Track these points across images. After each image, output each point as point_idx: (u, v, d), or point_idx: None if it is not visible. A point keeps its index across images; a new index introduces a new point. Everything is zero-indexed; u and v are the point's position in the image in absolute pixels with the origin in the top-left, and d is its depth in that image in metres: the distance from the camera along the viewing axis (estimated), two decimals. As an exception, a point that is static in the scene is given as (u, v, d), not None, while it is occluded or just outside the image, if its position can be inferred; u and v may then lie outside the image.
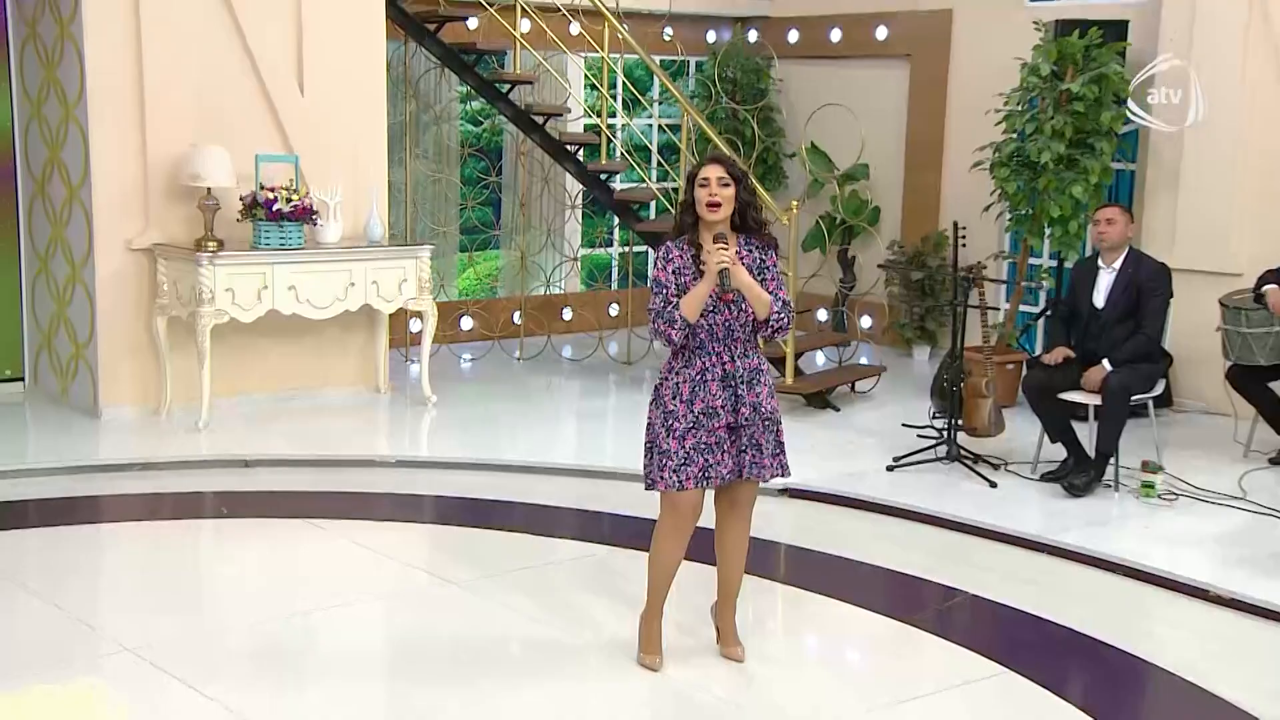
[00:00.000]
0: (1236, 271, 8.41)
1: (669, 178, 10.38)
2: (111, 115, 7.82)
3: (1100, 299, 7.19)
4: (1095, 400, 7.06)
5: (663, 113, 11.62)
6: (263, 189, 7.86)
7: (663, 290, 4.65)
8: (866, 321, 10.63)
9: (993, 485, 7.17)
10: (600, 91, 9.88)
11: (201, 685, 4.68)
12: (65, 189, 8.11)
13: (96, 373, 8.06)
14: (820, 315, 10.61)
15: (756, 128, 10.76)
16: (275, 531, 6.51)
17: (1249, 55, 8.60)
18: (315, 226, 8.12)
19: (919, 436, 7.82)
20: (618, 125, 10.92)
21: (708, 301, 4.62)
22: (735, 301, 4.65)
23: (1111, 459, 7.05)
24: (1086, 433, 7.18)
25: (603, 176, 9.61)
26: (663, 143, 11.43)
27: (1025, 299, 9.78)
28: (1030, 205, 8.87)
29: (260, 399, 8.42)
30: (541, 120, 9.51)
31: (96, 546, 6.32)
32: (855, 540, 6.45)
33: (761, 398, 4.75)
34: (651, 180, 10.13)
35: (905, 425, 8.15)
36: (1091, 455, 7.09)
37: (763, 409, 4.75)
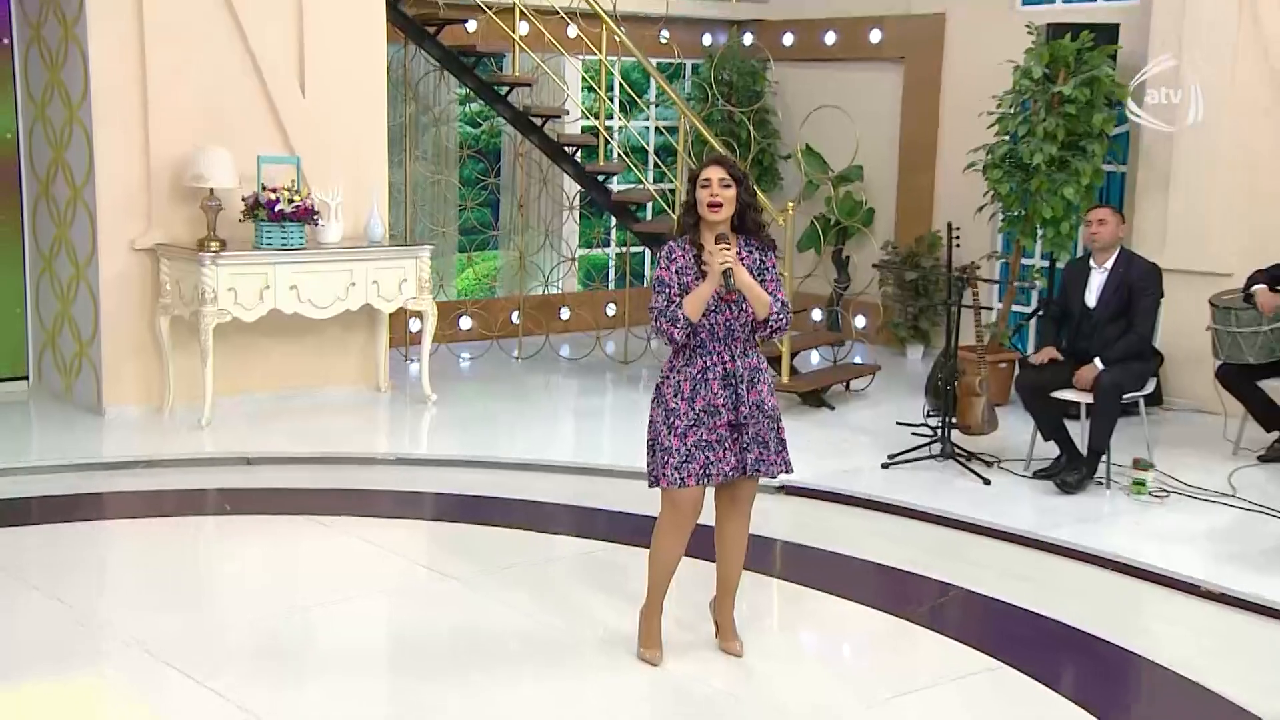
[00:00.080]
0: (1226, 271, 8.41)
1: (666, 179, 10.38)
2: (115, 116, 7.81)
3: (1092, 299, 7.20)
4: (1087, 398, 7.07)
5: (659, 115, 11.63)
6: (265, 190, 7.85)
7: (665, 289, 4.65)
8: (861, 321, 10.65)
9: (986, 482, 7.17)
10: (598, 94, 9.88)
11: (206, 679, 4.68)
12: (69, 189, 8.09)
13: (100, 371, 8.05)
14: (815, 315, 10.61)
15: (752, 130, 10.76)
16: (277, 528, 6.51)
17: (1238, 58, 8.61)
18: (316, 227, 8.11)
19: (913, 434, 7.83)
20: (615, 127, 10.93)
21: (709, 301, 4.62)
22: (736, 301, 4.65)
23: (1103, 456, 7.07)
24: (1079, 430, 7.19)
25: (600, 178, 9.62)
26: (659, 144, 11.43)
27: (1017, 299, 9.79)
28: (1022, 206, 8.88)
29: (262, 397, 8.41)
30: (540, 122, 9.51)
31: (100, 543, 6.31)
32: (851, 537, 6.46)
33: (763, 396, 4.75)
34: (648, 181, 10.14)
35: (900, 423, 8.16)
36: (1084, 453, 7.10)
37: (765, 407, 4.75)
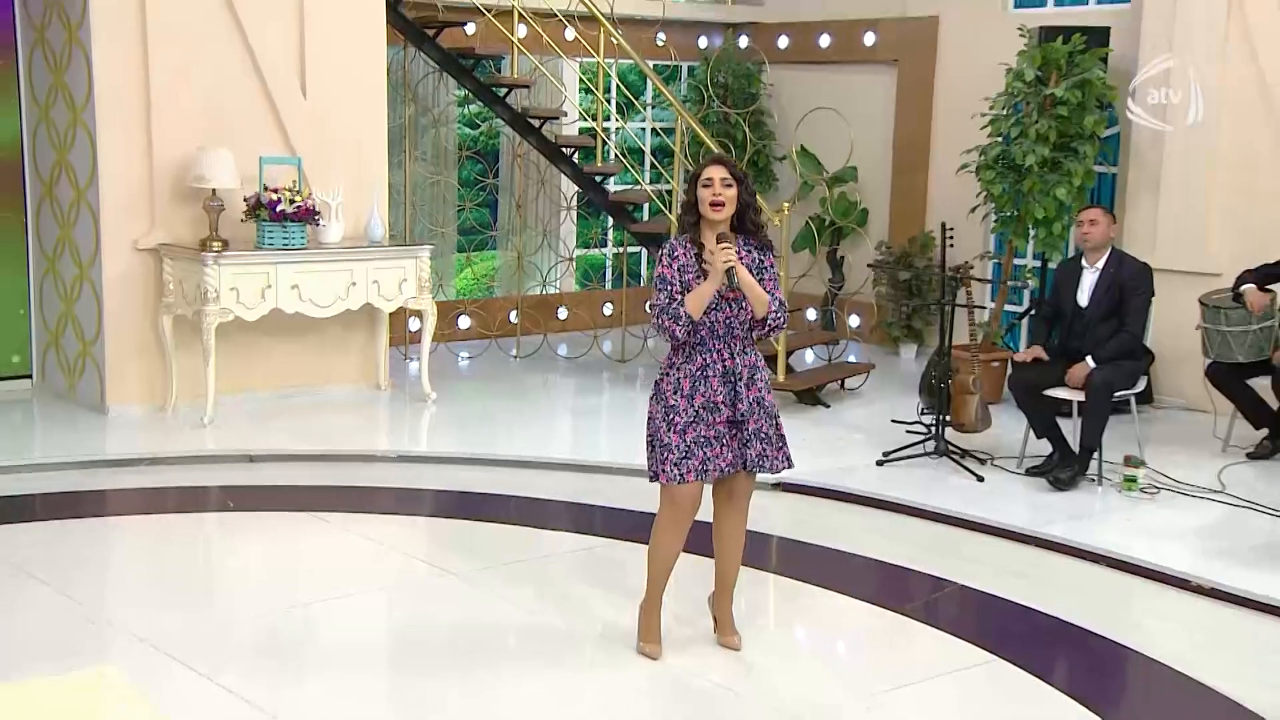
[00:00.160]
0: (1215, 271, 8.42)
1: (662, 180, 10.39)
2: (118, 118, 7.81)
3: (1084, 298, 7.21)
4: (1079, 396, 7.08)
5: (656, 116, 11.64)
6: (266, 190, 7.85)
7: (667, 287, 4.65)
8: (855, 320, 10.66)
9: (980, 479, 7.18)
10: (595, 95, 9.88)
11: (211, 674, 4.69)
12: (73, 191, 8.09)
13: (103, 370, 8.05)
14: (810, 314, 10.62)
15: (748, 131, 10.76)
16: (279, 524, 6.51)
17: (1227, 60, 8.62)
18: (317, 227, 8.11)
19: (908, 432, 7.84)
20: (612, 128, 10.93)
21: (710, 299, 4.62)
22: (735, 300, 4.66)
23: (1095, 454, 7.08)
24: (1071, 428, 7.20)
25: (598, 178, 9.62)
26: (656, 145, 11.44)
27: (1010, 298, 9.81)
28: (1015, 207, 8.89)
29: (264, 396, 8.41)
30: (538, 123, 9.52)
31: (105, 539, 6.31)
32: (847, 533, 6.47)
33: (762, 393, 4.76)
34: (645, 182, 10.14)
35: (894, 421, 8.17)
36: (1076, 450, 7.11)
37: (765, 403, 4.77)
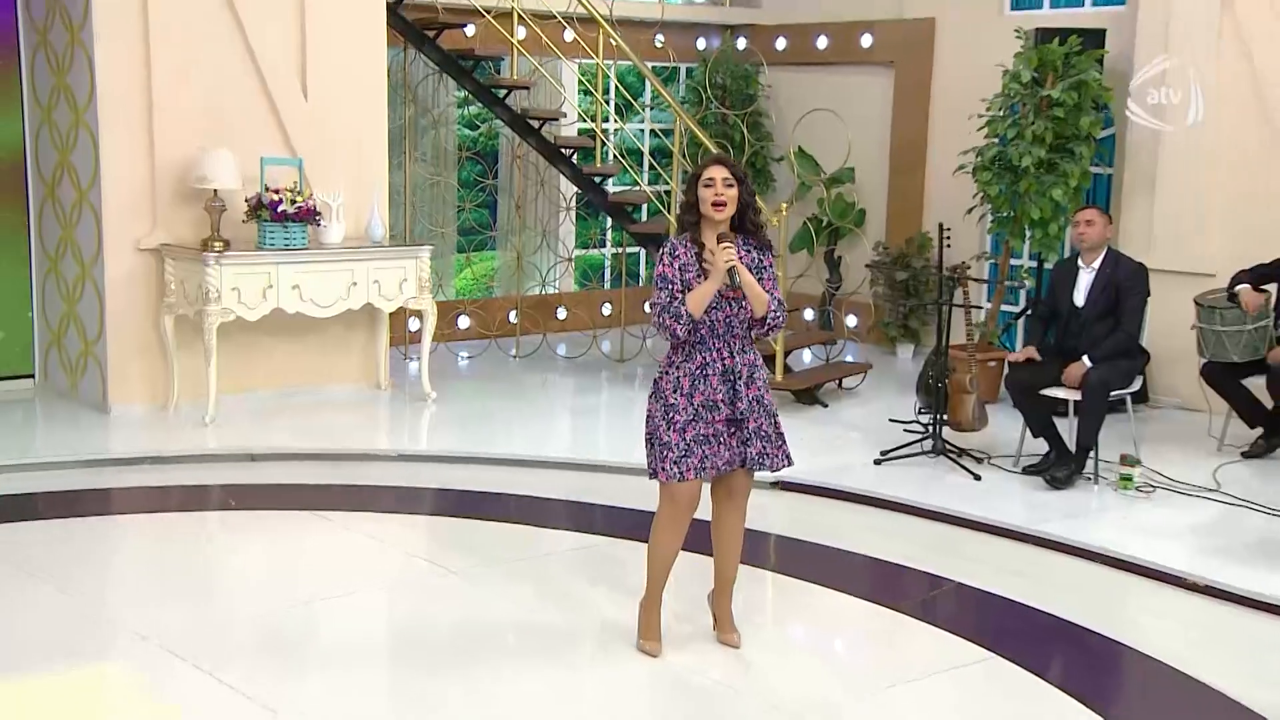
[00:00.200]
0: (1210, 271, 8.43)
1: (661, 181, 10.40)
2: (121, 120, 7.81)
3: (1080, 298, 7.23)
4: (1075, 396, 7.09)
5: (655, 117, 11.65)
6: (268, 191, 7.86)
7: (668, 286, 4.65)
8: (852, 320, 10.67)
9: (977, 478, 7.19)
10: (594, 96, 9.88)
11: (214, 671, 4.69)
12: (75, 191, 8.09)
13: (106, 369, 8.05)
14: (807, 314, 10.63)
15: (746, 132, 10.78)
16: (280, 523, 6.51)
17: (1221, 62, 8.64)
18: (318, 227, 8.12)
19: (905, 431, 7.85)
20: (611, 129, 10.94)
21: (710, 298, 4.63)
22: (735, 299, 4.66)
23: (1091, 452, 7.09)
24: (1067, 427, 7.22)
25: (597, 179, 9.63)
26: (654, 146, 11.44)
27: (1006, 298, 9.82)
28: (1011, 208, 8.90)
29: (265, 395, 8.41)
30: (537, 124, 9.53)
31: (108, 537, 6.31)
32: (845, 531, 6.48)
33: (761, 391, 4.77)
34: (644, 183, 10.15)
35: (892, 420, 8.18)
36: (1072, 449, 7.13)
37: (764, 401, 4.78)
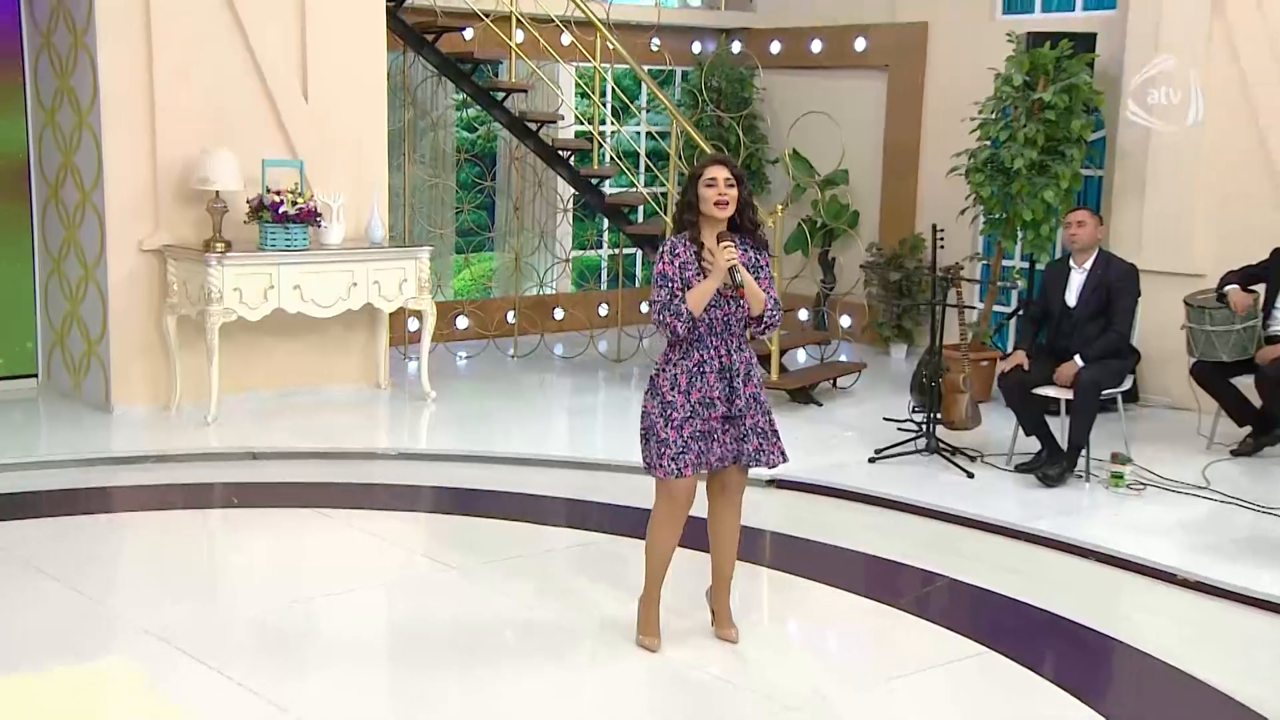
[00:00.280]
0: (1200, 272, 8.47)
1: (658, 182, 10.41)
2: (124, 122, 7.82)
3: (1072, 298, 7.25)
4: (1067, 395, 7.11)
5: (651, 120, 11.66)
6: (269, 192, 7.87)
7: (668, 284, 4.66)
8: (846, 321, 10.69)
9: (970, 476, 7.21)
10: (591, 99, 9.90)
11: (217, 666, 4.70)
12: (78, 193, 8.09)
13: (109, 369, 8.05)
14: (802, 315, 10.65)
15: (741, 134, 10.79)
16: (282, 520, 6.52)
17: (1211, 65, 8.66)
18: (319, 228, 8.13)
19: (899, 430, 7.86)
20: (608, 132, 10.94)
21: (710, 296, 4.63)
22: (733, 297, 4.68)
23: (1083, 451, 7.11)
24: (1059, 426, 7.24)
25: (594, 181, 9.64)
26: (651, 149, 11.45)
27: (998, 299, 9.84)
28: (1003, 209, 8.92)
29: (266, 394, 8.42)
30: (535, 127, 9.54)
31: (111, 535, 6.32)
32: (841, 529, 6.49)
33: (757, 389, 4.79)
34: (640, 185, 10.17)
35: (886, 419, 8.19)
36: (1064, 447, 7.14)
37: (760, 399, 4.79)
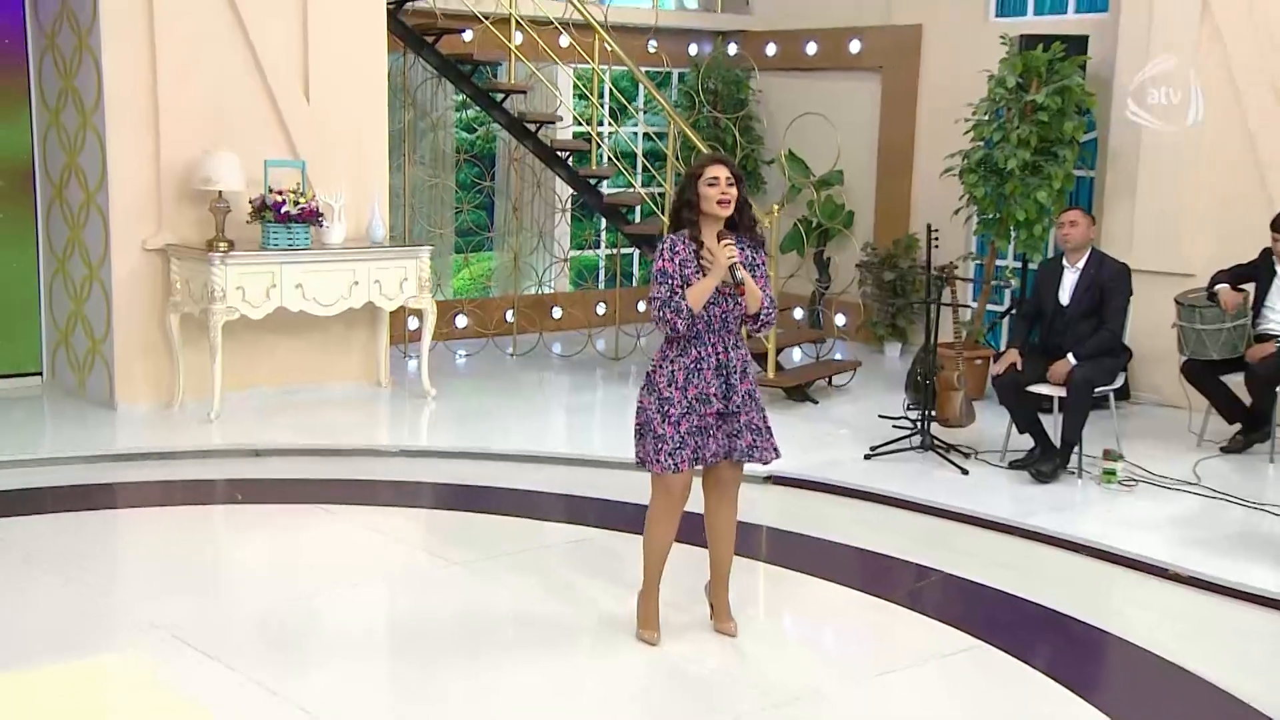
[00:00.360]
0: (1190, 272, 8.49)
1: (655, 183, 10.43)
2: (127, 122, 7.83)
3: (1065, 296, 7.28)
4: (1060, 392, 7.14)
5: (648, 121, 11.68)
6: (271, 192, 7.89)
7: (669, 280, 4.66)
8: (841, 319, 10.70)
9: (964, 472, 7.24)
10: (590, 100, 9.91)
11: (225, 659, 4.72)
12: (83, 193, 8.11)
13: (112, 367, 8.06)
14: (798, 313, 10.67)
15: (738, 135, 10.82)
16: (285, 516, 6.53)
17: (1201, 67, 8.69)
18: (321, 228, 8.14)
19: (894, 427, 7.89)
20: (606, 133, 10.95)
21: (710, 293, 4.65)
22: (731, 295, 4.70)
23: (1075, 447, 7.14)
24: (1052, 423, 7.26)
25: (592, 181, 9.66)
26: (648, 149, 11.47)
27: (992, 298, 9.86)
28: (997, 209, 8.94)
29: (269, 392, 8.43)
30: (534, 128, 9.56)
31: (116, 531, 6.34)
32: (837, 525, 6.52)
33: (752, 386, 4.82)
34: (638, 185, 10.19)
35: (881, 416, 8.21)
36: (1057, 444, 7.18)
37: (755, 396, 4.82)
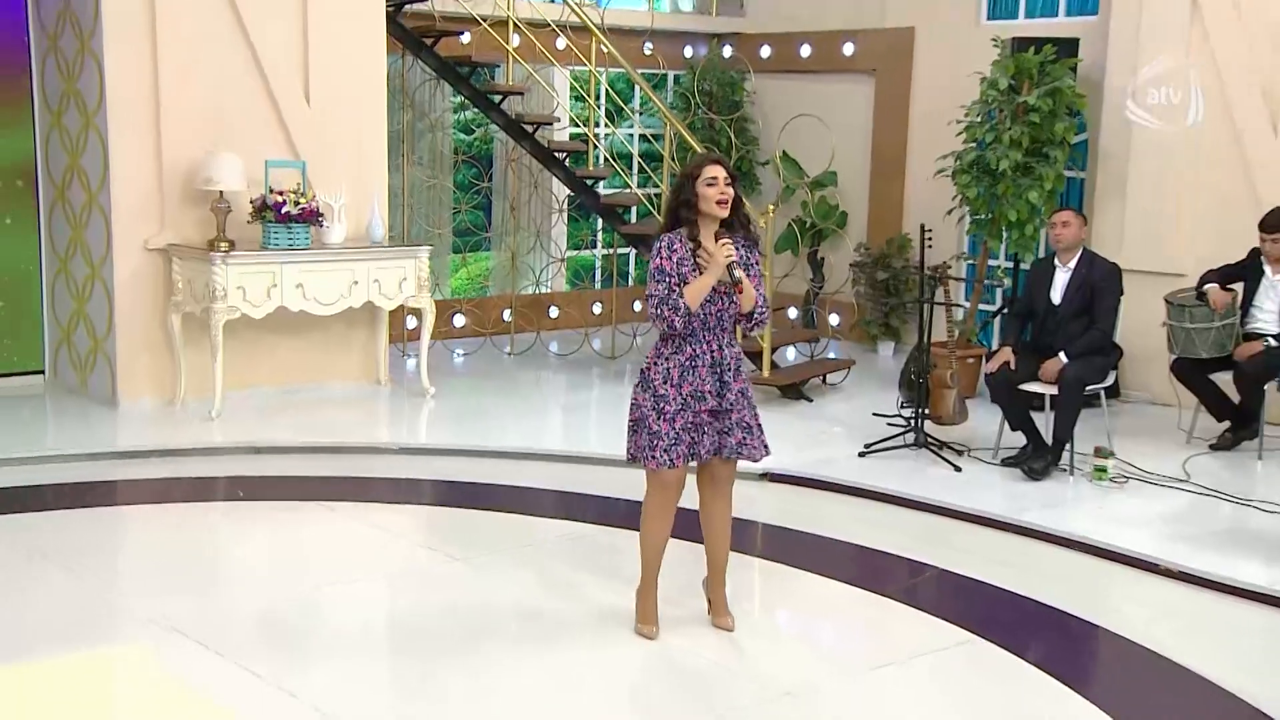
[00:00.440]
0: (1180, 272, 8.51)
1: (651, 183, 10.45)
2: (129, 124, 7.83)
3: (1057, 296, 7.30)
4: (1052, 390, 7.17)
5: (644, 122, 11.68)
6: (272, 192, 7.89)
7: (666, 279, 4.67)
8: (835, 319, 10.72)
9: (957, 469, 7.26)
10: (587, 102, 9.93)
11: (227, 654, 4.73)
12: (85, 194, 8.11)
13: (114, 366, 8.07)
14: (792, 313, 10.69)
15: (732, 136, 10.84)
16: (285, 513, 6.54)
17: (1191, 69, 8.71)
18: (321, 228, 8.15)
19: (888, 425, 7.91)
20: (602, 134, 10.97)
21: (707, 292, 4.66)
22: (727, 294, 4.71)
23: (1067, 445, 7.16)
24: (1044, 421, 7.29)
25: (588, 182, 9.67)
26: (644, 150, 11.48)
27: (984, 297, 9.88)
28: (989, 209, 8.97)
29: (269, 391, 8.44)
30: (531, 129, 9.57)
31: (118, 527, 6.35)
32: (832, 521, 6.54)
33: (746, 384, 4.84)
34: (634, 186, 10.20)
35: (875, 414, 8.24)
36: (1049, 442, 7.20)
37: (748, 394, 4.84)
